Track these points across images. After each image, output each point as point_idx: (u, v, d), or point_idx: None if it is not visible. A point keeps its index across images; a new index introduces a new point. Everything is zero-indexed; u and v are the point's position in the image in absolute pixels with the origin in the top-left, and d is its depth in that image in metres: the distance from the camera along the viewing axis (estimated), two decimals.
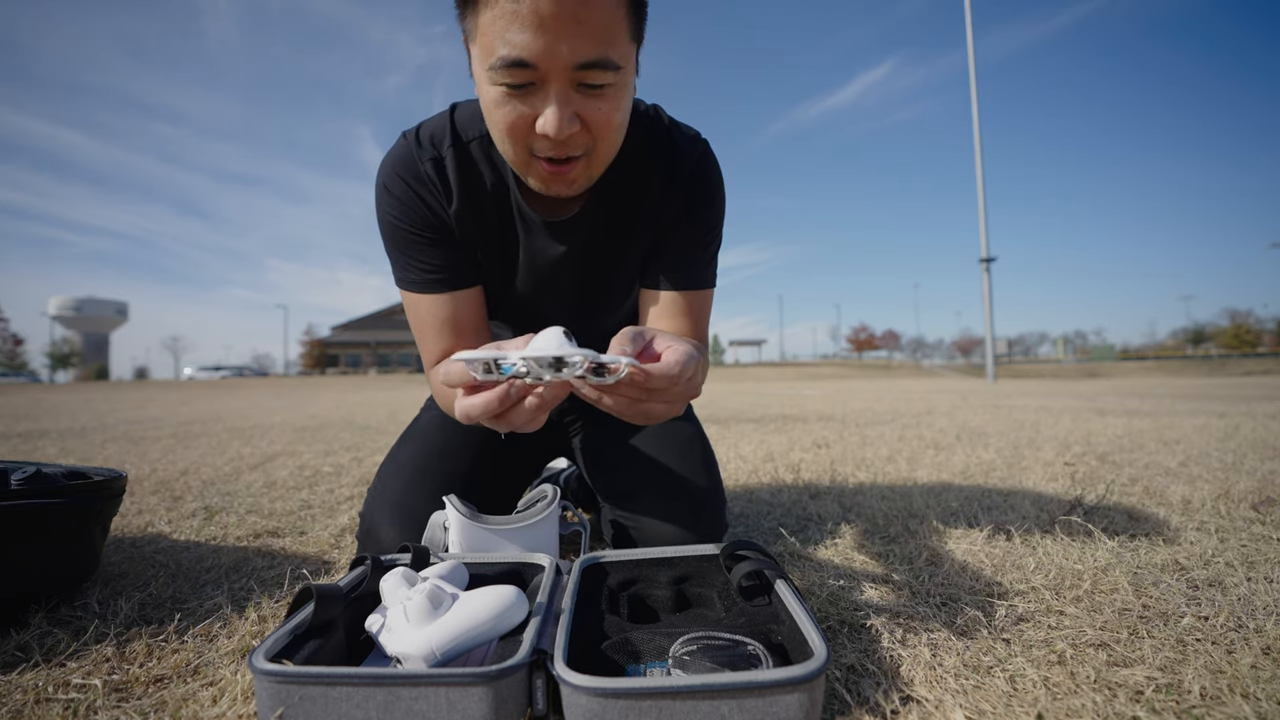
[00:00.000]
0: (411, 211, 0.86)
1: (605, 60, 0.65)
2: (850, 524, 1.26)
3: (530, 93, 0.67)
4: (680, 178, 0.88)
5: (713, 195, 0.91)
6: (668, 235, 0.92)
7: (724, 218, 0.95)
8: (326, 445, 2.89)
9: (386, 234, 0.89)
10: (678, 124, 0.90)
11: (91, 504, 0.87)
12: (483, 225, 0.89)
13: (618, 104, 0.70)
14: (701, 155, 0.90)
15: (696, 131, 0.91)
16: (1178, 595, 0.82)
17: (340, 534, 1.25)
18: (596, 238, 0.91)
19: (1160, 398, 6.25)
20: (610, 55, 0.65)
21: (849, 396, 8.00)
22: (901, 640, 0.70)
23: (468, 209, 0.87)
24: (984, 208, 17.28)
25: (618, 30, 0.65)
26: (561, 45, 0.63)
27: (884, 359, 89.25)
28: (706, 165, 0.90)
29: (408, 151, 0.86)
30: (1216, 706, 0.56)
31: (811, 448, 2.55)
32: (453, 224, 0.88)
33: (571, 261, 0.92)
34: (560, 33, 0.62)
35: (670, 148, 0.88)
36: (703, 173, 0.90)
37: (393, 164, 0.87)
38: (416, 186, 0.86)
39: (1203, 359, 55.95)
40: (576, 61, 0.64)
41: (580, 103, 0.68)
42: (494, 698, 0.50)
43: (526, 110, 0.68)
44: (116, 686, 0.62)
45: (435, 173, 0.85)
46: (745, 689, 0.49)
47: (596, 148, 0.73)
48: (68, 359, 75.69)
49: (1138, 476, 1.71)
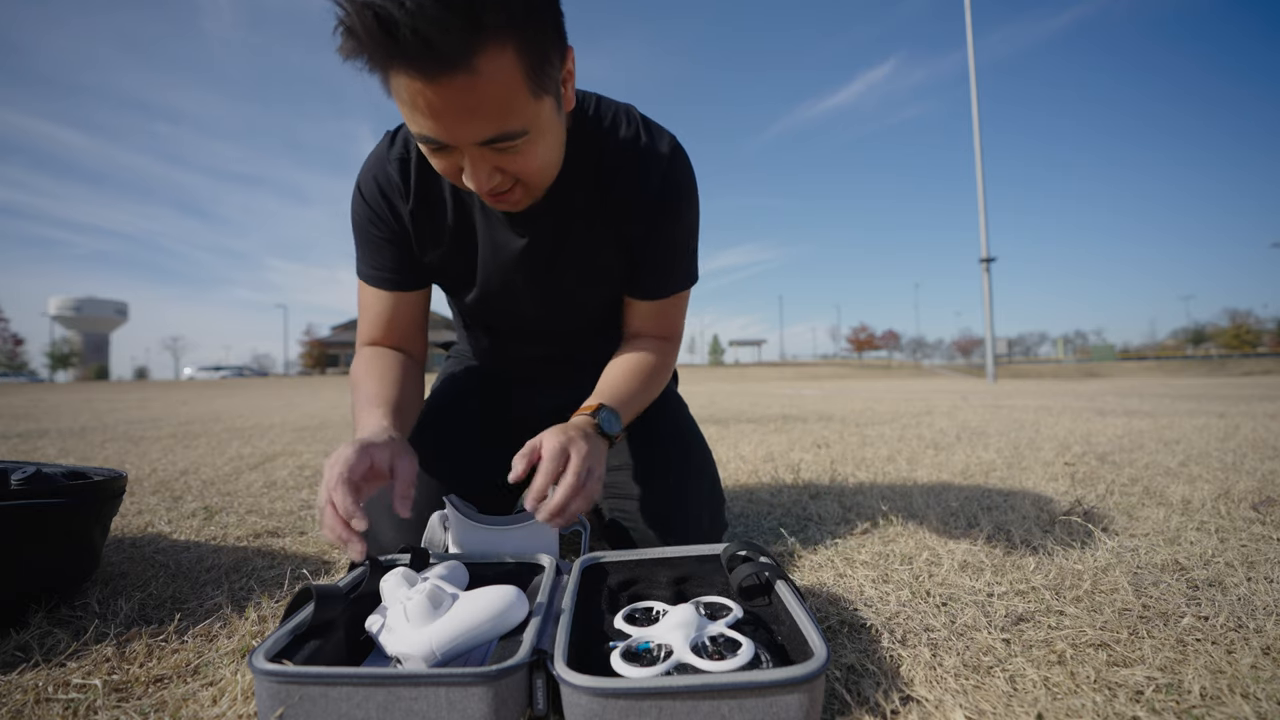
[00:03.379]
0: (374, 212, 0.92)
1: (505, 134, 0.67)
2: (850, 524, 1.26)
3: (449, 152, 0.70)
4: (648, 181, 0.88)
5: (687, 195, 0.92)
6: (644, 240, 0.92)
7: (699, 215, 0.96)
8: (326, 445, 2.89)
9: (353, 227, 0.97)
10: (650, 126, 0.90)
11: (91, 504, 0.86)
12: (437, 223, 0.93)
13: (534, 154, 0.73)
14: (671, 156, 0.89)
15: (670, 135, 0.91)
16: (1178, 595, 0.82)
17: None
18: (558, 227, 0.91)
19: (1160, 398, 6.25)
20: (509, 128, 0.67)
21: (849, 396, 8.00)
22: (901, 640, 0.70)
23: (423, 208, 0.91)
24: (984, 208, 17.29)
25: (514, 100, 0.66)
26: (459, 131, 0.66)
27: (884, 359, 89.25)
28: (677, 164, 0.90)
29: (382, 152, 0.91)
30: (1216, 706, 0.56)
31: (811, 448, 2.55)
32: (409, 226, 0.92)
33: (534, 253, 0.92)
34: (455, 120, 0.65)
35: (635, 148, 0.88)
36: (675, 172, 0.89)
37: (368, 164, 0.93)
38: (383, 186, 0.91)
39: (1203, 359, 55.95)
40: (477, 140, 0.67)
41: (495, 158, 0.71)
42: (494, 697, 0.50)
43: (452, 163, 0.72)
44: (116, 686, 0.62)
45: (399, 174, 0.90)
46: (745, 689, 0.49)
47: (526, 181, 0.76)
48: (68, 359, 75.70)
49: (1138, 476, 1.71)
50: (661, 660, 0.55)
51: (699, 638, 0.58)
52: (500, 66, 0.62)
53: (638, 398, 0.94)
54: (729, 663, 0.53)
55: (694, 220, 0.95)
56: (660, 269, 0.97)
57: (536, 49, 0.65)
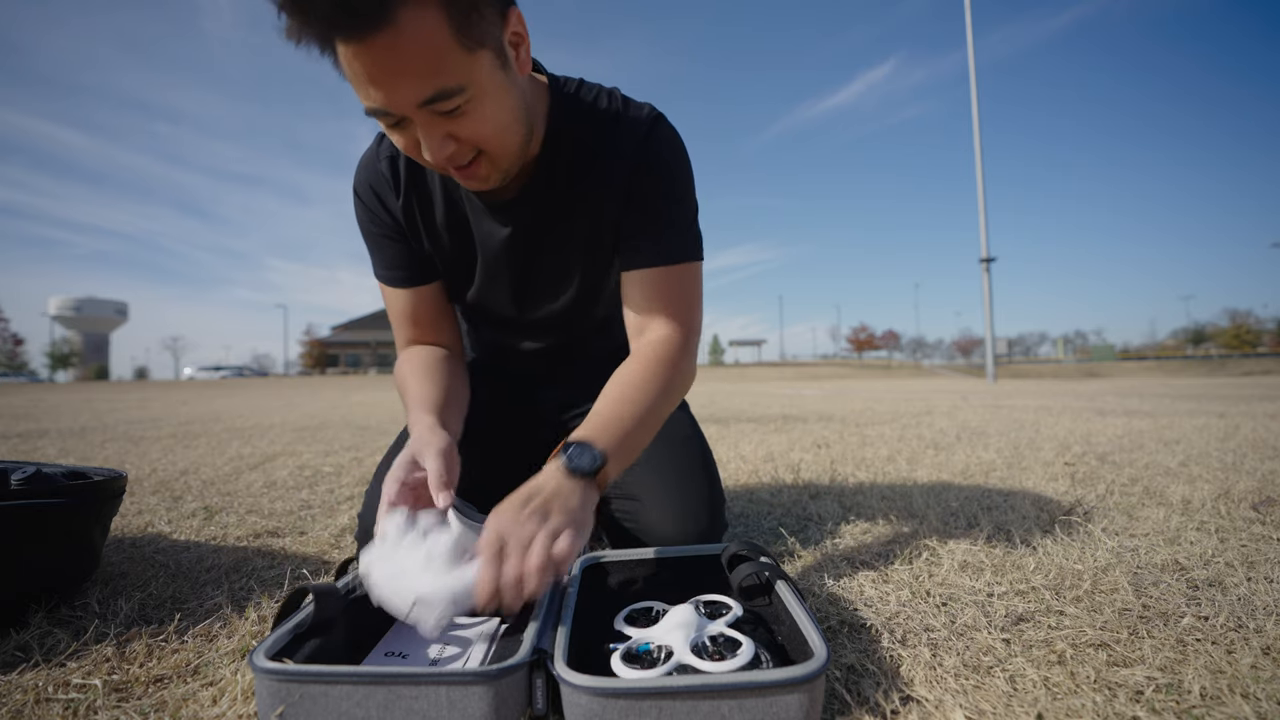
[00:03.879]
0: (372, 211, 0.93)
1: (442, 92, 0.66)
2: (850, 524, 1.26)
3: (404, 126, 0.70)
4: (627, 149, 0.87)
5: (670, 160, 0.89)
6: (629, 209, 0.90)
7: (693, 186, 0.93)
8: (326, 445, 2.89)
9: (360, 230, 0.97)
10: (630, 101, 0.89)
11: (91, 504, 0.86)
12: (429, 217, 0.93)
13: (482, 115, 0.71)
14: (651, 123, 0.88)
15: (650, 106, 0.90)
16: (1178, 595, 0.82)
17: (340, 534, 1.25)
18: (541, 215, 0.90)
19: (1160, 398, 6.25)
20: (443, 84, 0.66)
21: (849, 396, 8.00)
22: (901, 640, 0.70)
23: (414, 202, 0.92)
24: (984, 208, 17.29)
25: (445, 55, 0.64)
26: (395, 94, 0.65)
27: (884, 359, 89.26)
28: (657, 131, 0.88)
29: (372, 152, 0.92)
30: (1216, 706, 0.56)
31: (811, 448, 2.55)
32: (401, 220, 0.93)
33: (520, 242, 0.92)
34: (390, 82, 0.64)
35: (614, 121, 0.87)
36: (655, 139, 0.88)
37: (360, 165, 0.94)
38: (376, 185, 0.92)
39: (1203, 359, 55.95)
40: (415, 102, 0.66)
41: (446, 124, 0.69)
42: (494, 697, 0.50)
43: (410, 139, 0.71)
44: (117, 686, 0.62)
45: (389, 170, 0.90)
46: (745, 689, 0.49)
47: (487, 149, 0.74)
48: (68, 359, 75.72)
49: (1138, 476, 1.71)
50: (662, 662, 0.55)
51: (699, 638, 0.58)
52: (423, 19, 0.62)
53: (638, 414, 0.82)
54: (729, 663, 0.53)
55: (683, 190, 0.91)
56: (656, 229, 0.89)
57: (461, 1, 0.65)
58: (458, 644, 0.64)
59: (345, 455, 2.51)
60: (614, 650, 0.58)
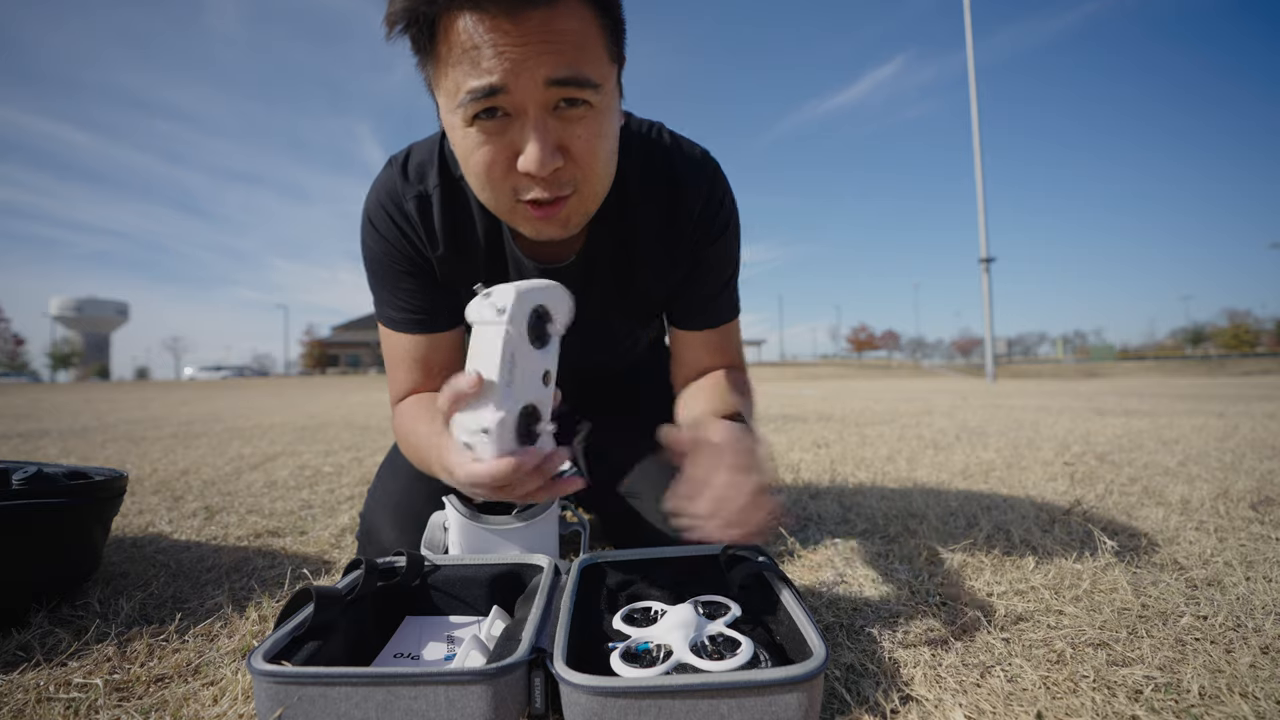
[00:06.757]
0: (393, 248, 0.83)
1: (581, 77, 0.60)
2: (850, 524, 1.26)
3: (505, 125, 0.62)
4: (688, 212, 0.83)
5: (726, 225, 0.86)
6: (691, 278, 0.88)
7: (740, 241, 0.91)
8: (327, 445, 2.89)
9: (369, 267, 0.86)
10: (680, 144, 0.84)
11: (92, 504, 0.87)
12: (470, 272, 0.83)
13: (600, 129, 0.64)
14: (711, 184, 0.83)
15: (703, 151, 0.85)
16: (1177, 595, 0.82)
17: (341, 534, 1.25)
18: (597, 283, 0.86)
19: (1159, 397, 6.25)
20: (585, 72, 0.60)
21: (849, 396, 8.00)
22: (901, 640, 0.70)
23: (454, 254, 0.83)
24: (984, 208, 17.28)
25: (592, 46, 0.61)
26: (530, 61, 0.58)
27: (884, 359, 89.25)
28: (716, 194, 0.84)
29: (393, 183, 0.82)
30: (1215, 706, 0.56)
31: (811, 447, 2.55)
32: (436, 268, 0.84)
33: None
34: (528, 49, 0.58)
35: (672, 177, 0.82)
36: (714, 205, 0.84)
37: (378, 195, 0.83)
38: (400, 223, 0.82)
39: (1202, 359, 55.95)
40: (550, 77, 0.59)
41: (560, 130, 0.62)
42: (493, 696, 0.50)
43: (504, 147, 0.63)
44: (117, 686, 0.62)
45: (419, 212, 0.81)
46: (744, 688, 0.49)
47: (586, 180, 0.67)
48: (68, 359, 75.75)
49: (1137, 476, 1.71)
50: (661, 662, 0.55)
51: (698, 637, 0.59)
52: (583, 11, 0.60)
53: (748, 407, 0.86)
54: (728, 662, 0.53)
55: (739, 249, 0.90)
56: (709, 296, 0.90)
57: (613, 12, 0.63)
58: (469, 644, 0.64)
59: (345, 455, 2.51)
60: (613, 649, 0.58)
